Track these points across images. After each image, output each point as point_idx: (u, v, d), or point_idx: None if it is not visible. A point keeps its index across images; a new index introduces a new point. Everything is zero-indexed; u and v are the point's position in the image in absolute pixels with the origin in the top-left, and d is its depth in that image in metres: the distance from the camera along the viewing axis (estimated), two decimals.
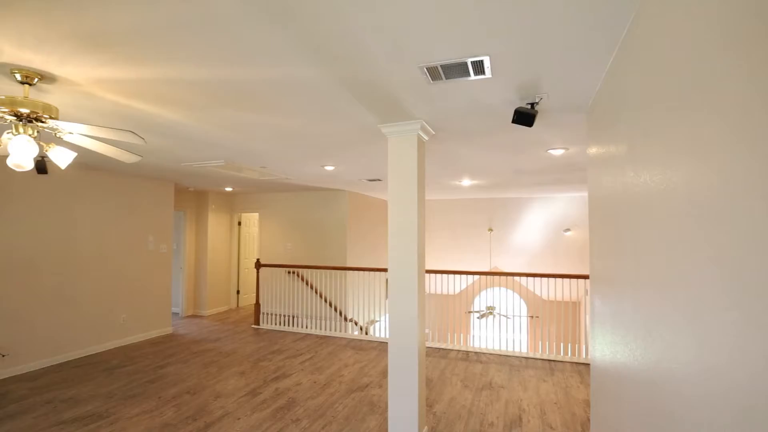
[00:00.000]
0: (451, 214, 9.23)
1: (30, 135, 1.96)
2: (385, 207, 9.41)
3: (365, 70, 1.97)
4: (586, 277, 4.84)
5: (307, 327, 6.45)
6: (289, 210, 7.80)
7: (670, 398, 1.12)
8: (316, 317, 7.03)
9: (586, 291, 5.19)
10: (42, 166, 3.70)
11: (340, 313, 7.15)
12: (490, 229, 9.15)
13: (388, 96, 2.32)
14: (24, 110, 1.91)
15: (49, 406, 3.52)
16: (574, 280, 8.65)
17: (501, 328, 6.30)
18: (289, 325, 6.56)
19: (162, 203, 6.18)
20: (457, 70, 1.89)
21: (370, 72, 1.98)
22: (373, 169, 4.97)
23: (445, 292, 5.57)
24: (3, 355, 4.23)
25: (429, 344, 5.41)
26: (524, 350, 9.02)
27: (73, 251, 4.93)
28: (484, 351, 5.17)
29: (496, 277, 9.84)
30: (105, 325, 5.28)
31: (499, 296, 7.69)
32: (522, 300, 9.99)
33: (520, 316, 6.58)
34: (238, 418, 3.31)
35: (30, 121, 1.98)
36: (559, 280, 9.02)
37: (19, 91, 2.27)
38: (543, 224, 8.86)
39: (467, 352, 5.15)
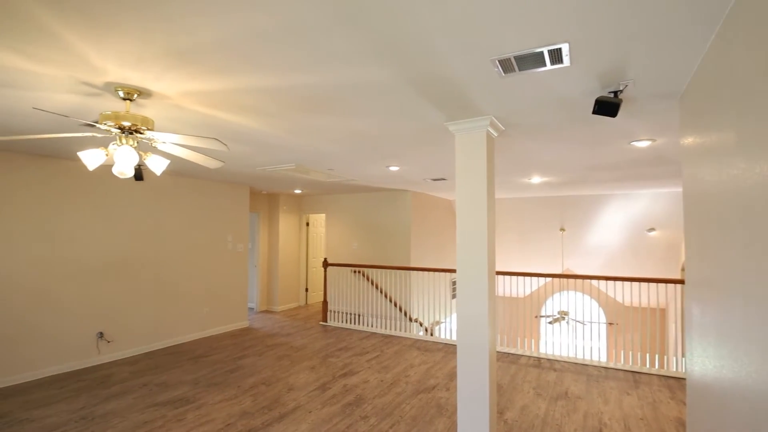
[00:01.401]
0: (519, 213, 8.85)
1: (131, 145, 2.19)
2: (448, 207, 9.28)
3: (433, 67, 1.94)
4: (674, 281, 4.37)
5: (372, 326, 6.54)
6: (354, 211, 7.98)
7: None
8: (381, 316, 7.11)
9: (675, 297, 4.69)
10: (139, 173, 4.12)
11: (405, 313, 7.16)
12: (562, 229, 8.63)
13: (456, 92, 2.27)
14: (126, 123, 2.14)
15: (145, 389, 3.92)
16: (661, 285, 7.89)
17: (576, 335, 5.91)
18: (355, 323, 6.71)
19: (239, 205, 6.63)
20: (532, 60, 1.79)
21: (438, 68, 1.95)
22: (437, 169, 4.91)
23: (512, 294, 5.34)
24: (108, 341, 4.80)
25: (498, 348, 5.22)
26: (603, 359, 8.39)
27: (163, 250, 5.46)
28: (558, 358, 4.88)
29: (569, 280, 9.27)
30: (190, 317, 5.78)
31: (574, 301, 7.22)
32: (598, 305, 9.30)
33: (598, 323, 6.13)
34: (310, 411, 3.44)
35: (131, 133, 2.21)
36: (643, 284, 8.28)
37: (121, 107, 2.55)
38: (622, 223, 8.17)
39: (539, 359, 4.90)
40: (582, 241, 8.75)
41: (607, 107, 2.10)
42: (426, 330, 7.17)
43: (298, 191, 7.62)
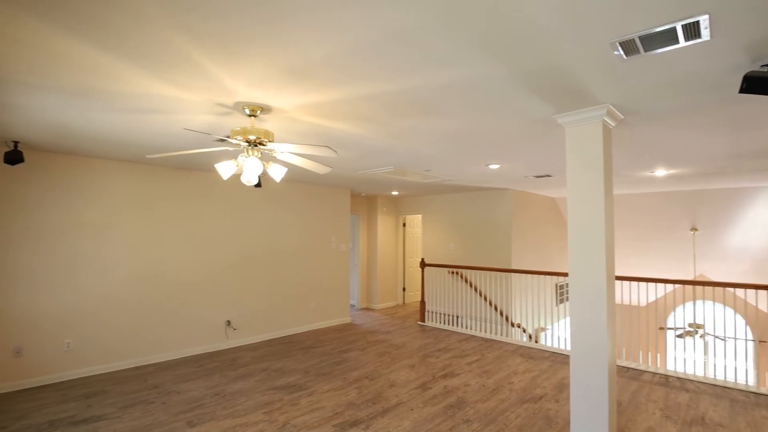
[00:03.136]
0: (638, 210, 7.89)
1: (256, 156, 2.46)
2: (552, 205, 8.67)
3: (541, 57, 1.84)
4: None
5: (470, 328, 6.40)
6: (450, 211, 7.90)
7: None
8: (479, 319, 6.93)
9: None
10: (258, 181, 4.63)
11: (506, 318, 6.87)
12: (694, 229, 7.48)
13: (566, 82, 2.12)
14: (252, 137, 2.42)
15: (265, 373, 4.36)
16: None
17: (713, 352, 5.08)
18: (452, 325, 6.64)
19: (341, 208, 7.03)
20: (661, 38, 1.59)
21: (547, 58, 1.84)
22: (542, 165, 4.63)
23: (630, 302, 4.77)
24: (234, 329, 5.45)
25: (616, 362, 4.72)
26: (751, 383, 7.07)
27: (277, 249, 6.03)
28: (691, 377, 4.24)
29: (703, 288, 8.00)
30: (300, 310, 6.29)
31: (711, 312, 6.21)
32: (744, 319, 7.86)
33: (744, 340, 5.19)
34: (412, 409, 3.49)
35: (255, 146, 2.49)
36: None
37: (247, 123, 2.88)
38: None
39: (666, 376, 4.31)
40: (720, 242, 7.48)
41: (760, 84, 1.77)
42: (530, 336, 6.80)
43: (395, 193, 7.80)
